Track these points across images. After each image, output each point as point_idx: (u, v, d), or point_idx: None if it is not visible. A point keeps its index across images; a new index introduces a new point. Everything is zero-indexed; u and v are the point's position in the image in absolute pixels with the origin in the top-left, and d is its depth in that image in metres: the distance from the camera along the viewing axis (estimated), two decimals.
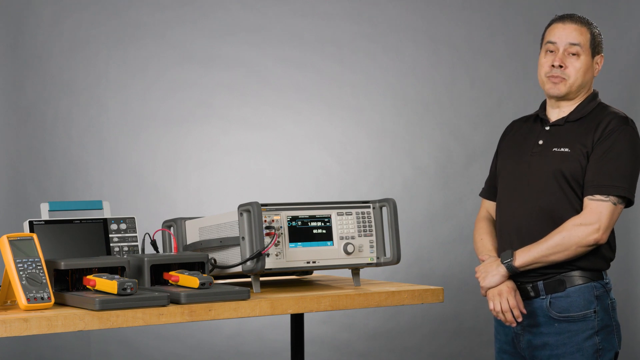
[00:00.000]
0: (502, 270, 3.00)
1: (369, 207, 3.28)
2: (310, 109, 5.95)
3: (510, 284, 3.00)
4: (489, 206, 3.28)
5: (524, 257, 2.97)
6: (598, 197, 2.89)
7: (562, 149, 2.98)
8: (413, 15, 6.02)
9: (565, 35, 3.03)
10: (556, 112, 3.07)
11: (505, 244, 3.10)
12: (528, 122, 3.15)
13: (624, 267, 5.81)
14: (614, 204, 2.90)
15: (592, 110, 3.03)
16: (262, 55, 5.91)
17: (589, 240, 2.90)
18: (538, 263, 2.96)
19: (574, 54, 3.02)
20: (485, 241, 3.20)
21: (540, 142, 3.04)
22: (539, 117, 3.11)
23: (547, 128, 3.06)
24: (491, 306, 3.02)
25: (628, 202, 2.96)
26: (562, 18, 3.07)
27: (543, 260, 2.94)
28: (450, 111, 6.03)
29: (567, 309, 2.98)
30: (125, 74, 5.80)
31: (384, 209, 3.29)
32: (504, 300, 2.98)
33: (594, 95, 3.07)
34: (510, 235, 3.08)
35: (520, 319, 2.99)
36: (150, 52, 5.82)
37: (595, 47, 3.04)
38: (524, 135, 3.13)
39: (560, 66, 3.02)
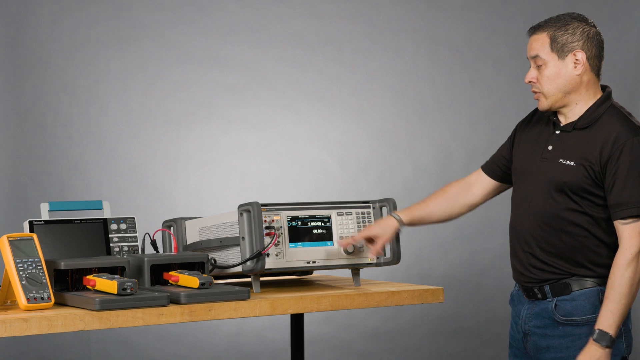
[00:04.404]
0: (607, 352, 2.89)
1: (369, 207, 3.28)
2: (310, 109, 5.95)
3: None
4: (478, 177, 3.24)
5: (612, 324, 2.87)
6: (630, 219, 2.87)
7: (568, 162, 2.94)
8: (413, 15, 6.02)
9: (529, 49, 3.00)
10: (563, 117, 3.03)
11: (517, 246, 3.08)
12: (543, 119, 3.11)
13: None
14: None
15: (601, 116, 2.94)
16: (262, 55, 5.91)
17: None
18: (624, 315, 2.89)
19: (539, 66, 2.97)
20: (426, 201, 3.24)
21: (550, 147, 3.00)
22: (550, 119, 3.06)
23: (557, 132, 3.02)
24: None
25: None
26: (529, 31, 3.02)
27: (626, 309, 2.88)
28: (450, 111, 6.02)
29: (572, 313, 2.96)
30: (125, 74, 5.80)
31: (384, 209, 3.29)
32: None
33: (605, 98, 2.97)
34: (519, 237, 3.05)
35: None
36: (150, 52, 5.82)
37: (561, 47, 2.94)
38: (538, 134, 3.07)
39: (531, 82, 3.00)
